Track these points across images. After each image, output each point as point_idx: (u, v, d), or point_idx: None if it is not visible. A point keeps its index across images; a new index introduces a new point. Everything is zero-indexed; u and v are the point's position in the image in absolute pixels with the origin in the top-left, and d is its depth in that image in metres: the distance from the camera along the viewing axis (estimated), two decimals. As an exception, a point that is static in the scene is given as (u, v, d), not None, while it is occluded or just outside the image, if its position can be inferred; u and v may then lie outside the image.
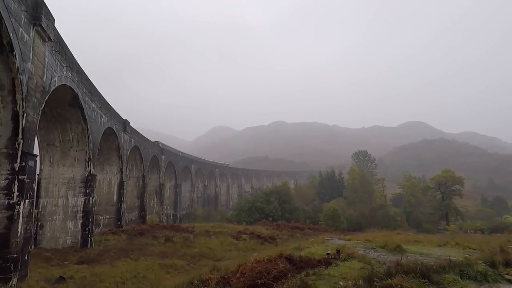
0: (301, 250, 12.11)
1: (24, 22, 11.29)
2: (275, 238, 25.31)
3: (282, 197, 43.87)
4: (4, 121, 11.09)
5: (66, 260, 15.60)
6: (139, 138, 34.10)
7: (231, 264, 11.84)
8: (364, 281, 6.84)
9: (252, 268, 8.08)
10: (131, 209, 33.66)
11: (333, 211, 38.26)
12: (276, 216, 40.32)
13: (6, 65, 10.70)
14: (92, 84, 20.32)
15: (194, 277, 9.24)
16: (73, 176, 19.59)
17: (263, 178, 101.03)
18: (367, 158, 78.94)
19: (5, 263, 10.37)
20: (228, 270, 9.31)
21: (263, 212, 41.09)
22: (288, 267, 8.27)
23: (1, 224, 10.53)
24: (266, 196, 44.00)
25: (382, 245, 13.20)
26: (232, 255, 18.99)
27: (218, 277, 8.36)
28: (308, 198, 53.72)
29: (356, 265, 9.23)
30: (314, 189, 59.75)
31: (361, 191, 50.04)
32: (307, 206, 48.21)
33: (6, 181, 10.84)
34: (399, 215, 42.95)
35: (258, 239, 24.37)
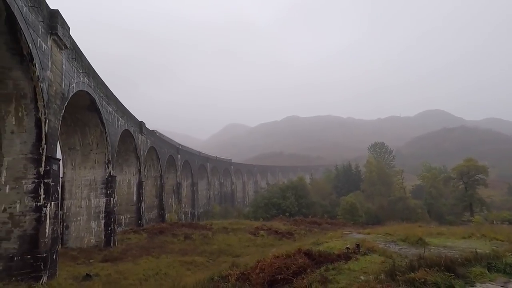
0: (319, 245, 12.11)
1: (41, 32, 11.72)
2: (293, 234, 25.33)
3: (298, 192, 43.76)
4: (28, 127, 11.61)
5: (91, 258, 16.23)
6: (155, 139, 34.79)
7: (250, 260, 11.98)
8: (386, 275, 6.77)
9: (271, 264, 8.18)
10: (151, 208, 34.48)
11: (351, 205, 37.87)
12: (293, 212, 40.30)
13: (27, 74, 11.17)
14: (107, 88, 20.87)
15: (214, 274, 9.42)
16: (94, 178, 20.27)
17: (278, 174, 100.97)
18: (384, 149, 77.34)
19: (36, 262, 10.92)
20: (247, 266, 9.45)
21: (279, 208, 41.14)
22: (307, 262, 8.32)
23: (30, 226, 11.07)
24: (282, 191, 43.99)
25: (403, 238, 13.01)
26: (250, 251, 19.18)
27: (238, 273, 8.49)
28: (324, 193, 53.35)
29: (376, 259, 9.16)
30: (331, 183, 59.24)
31: (379, 183, 49.22)
32: (324, 201, 47.90)
33: (33, 185, 11.37)
34: (419, 207, 41.98)
35: (276, 235, 24.46)
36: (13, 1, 9.76)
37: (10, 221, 10.94)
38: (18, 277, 10.52)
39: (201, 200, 59.88)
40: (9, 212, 11.00)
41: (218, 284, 8.19)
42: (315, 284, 6.77)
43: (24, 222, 11.04)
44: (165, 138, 43.14)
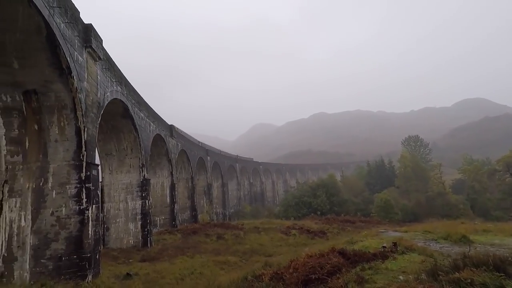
0: (354, 244, 11.80)
1: (77, 46, 12.49)
2: (325, 232, 24.91)
3: (329, 190, 42.94)
4: (69, 136, 12.42)
5: (130, 258, 17.02)
6: (185, 142, 35.78)
7: (282, 259, 11.94)
8: (427, 274, 6.42)
9: (304, 263, 8.10)
10: (183, 209, 35.51)
11: (385, 202, 36.48)
12: (324, 210, 39.61)
13: (66, 86, 11.95)
14: (139, 95, 21.78)
15: (247, 273, 9.50)
16: (130, 182, 21.26)
17: (308, 172, 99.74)
18: (419, 143, 73.55)
19: (81, 262, 11.65)
20: (281, 266, 9.42)
21: (310, 207, 40.62)
22: (341, 262, 8.13)
23: (75, 228, 11.84)
24: (313, 190, 43.39)
25: (445, 236, 12.34)
26: (282, 250, 19.12)
27: (271, 272, 8.49)
28: (357, 190, 51.87)
29: (416, 258, 8.75)
30: (363, 180, 57.45)
31: (415, 179, 46.90)
32: (356, 198, 46.58)
33: (76, 189, 12.14)
34: (461, 203, 39.43)
35: (308, 234, 24.19)
36: (52, 20, 10.49)
37: (57, 224, 11.76)
38: (66, 276, 11.28)
39: (232, 200, 60.65)
40: (56, 215, 11.83)
41: (252, 284, 8.24)
42: (351, 284, 6.59)
43: (70, 225, 11.82)
44: (194, 141, 44.20)
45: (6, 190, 11.73)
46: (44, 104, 11.96)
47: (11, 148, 11.95)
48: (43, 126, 12.17)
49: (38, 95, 11.80)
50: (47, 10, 10.20)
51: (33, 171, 12.00)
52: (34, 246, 11.44)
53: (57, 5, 10.90)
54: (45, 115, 12.11)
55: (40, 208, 11.78)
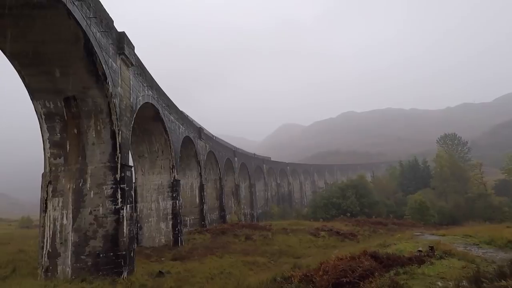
0: (387, 247, 11.36)
1: (112, 54, 13.15)
2: (356, 235, 24.23)
3: (359, 191, 41.72)
4: (105, 139, 13.09)
5: (162, 257, 17.56)
6: (213, 143, 36.43)
7: (312, 261, 11.76)
8: (469, 282, 6.01)
9: (335, 266, 7.90)
10: (212, 209, 36.14)
11: (420, 204, 34.78)
12: (354, 212, 38.55)
13: (102, 92, 12.62)
14: (169, 99, 22.50)
15: (276, 274, 9.45)
16: (161, 183, 22.00)
17: (336, 173, 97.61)
18: (456, 141, 69.18)
19: (117, 259, 12.22)
20: (310, 268, 9.28)
21: (340, 208, 39.71)
22: (374, 265, 7.84)
23: (111, 226, 12.44)
24: (342, 191, 42.39)
25: (488, 240, 11.53)
26: (311, 252, 18.84)
27: (301, 274, 8.38)
28: (389, 191, 49.96)
29: (456, 263, 8.24)
30: (395, 181, 55.20)
31: (452, 179, 44.27)
32: (388, 200, 44.89)
33: (112, 190, 12.77)
34: (506, 205, 36.65)
35: (338, 236, 23.67)
36: (89, 29, 11.13)
37: (95, 222, 12.43)
38: (104, 272, 11.88)
39: (259, 201, 60.81)
40: (94, 214, 12.50)
41: (281, 285, 8.18)
42: (385, 289, 6.33)
43: (106, 223, 12.45)
44: (222, 142, 44.87)
45: (50, 190, 12.59)
46: (82, 109, 12.71)
47: (54, 151, 12.81)
48: (82, 130, 12.92)
49: (77, 101, 12.56)
50: (84, 21, 10.84)
51: (73, 172, 12.78)
52: (75, 243, 12.17)
53: (93, 16, 11.55)
54: (83, 120, 12.87)
55: (80, 207, 12.51)
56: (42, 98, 12.30)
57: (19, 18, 9.94)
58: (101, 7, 12.39)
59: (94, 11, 11.63)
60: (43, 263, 12.03)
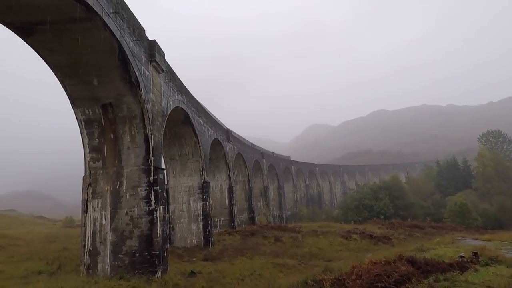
0: (425, 252, 10.81)
1: (144, 61, 13.74)
2: (390, 238, 23.30)
3: (392, 193, 40.07)
4: (139, 143, 13.69)
5: (194, 257, 17.99)
6: (241, 145, 36.76)
7: (343, 265, 11.47)
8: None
9: (368, 270, 7.66)
10: (241, 211, 36.44)
11: (461, 206, 32.67)
12: (388, 214, 37.06)
13: (135, 98, 13.21)
14: (198, 102, 23.06)
15: (307, 277, 9.33)
16: (191, 184, 22.58)
17: (367, 174, 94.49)
18: (501, 139, 63.96)
19: (152, 258, 12.70)
20: (342, 271, 9.05)
21: (372, 210, 38.38)
22: (411, 271, 7.49)
23: (146, 227, 12.96)
24: (374, 192, 40.95)
25: (539, 246, 10.56)
26: (343, 255, 18.39)
27: (332, 278, 8.21)
28: (425, 192, 47.45)
29: (504, 271, 7.66)
30: (432, 182, 52.28)
31: (497, 180, 41.14)
32: (425, 202, 42.63)
33: (146, 192, 13.31)
34: (561, 208, 33.45)
35: (370, 239, 22.90)
36: (123, 39, 11.73)
37: (131, 223, 13.01)
38: (139, 270, 12.40)
39: (288, 202, 60.38)
40: (130, 215, 13.09)
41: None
42: (424, 296, 6.02)
43: (141, 224, 12.99)
44: (250, 144, 45.14)
45: (90, 192, 13.38)
46: (118, 115, 13.39)
47: (93, 155, 13.60)
48: (118, 135, 13.61)
49: (113, 107, 13.25)
50: (119, 32, 11.44)
51: (110, 175, 13.48)
52: (113, 242, 12.81)
53: (127, 26, 12.15)
54: (119, 125, 13.55)
55: (117, 208, 13.16)
56: (82, 105, 13.12)
57: (61, 32, 10.70)
58: (134, 17, 13.00)
59: (127, 21, 12.23)
60: (85, 260, 12.78)
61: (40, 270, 13.40)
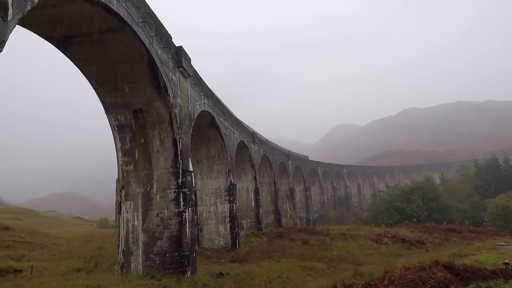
0: (463, 257, 10.20)
1: (171, 67, 14.18)
2: (424, 242, 22.25)
3: (426, 195, 38.21)
4: (168, 146, 14.12)
5: (222, 258, 18.21)
6: (266, 147, 36.77)
7: (374, 269, 11.11)
8: None
9: (401, 276, 7.35)
10: (267, 213, 36.38)
11: (504, 209, 30.47)
12: (421, 217, 35.38)
13: (164, 103, 13.66)
14: (223, 105, 23.40)
15: (336, 281, 9.14)
16: (218, 186, 22.90)
17: (398, 175, 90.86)
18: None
19: (181, 259, 13.01)
20: (373, 276, 8.77)
21: (404, 213, 36.82)
22: (449, 277, 7.09)
23: (175, 228, 13.32)
24: (406, 194, 39.28)
25: None
26: (373, 259, 17.81)
27: (363, 283, 7.97)
28: (462, 194, 44.81)
29: (551, 279, 7.02)
30: (469, 183, 49.25)
31: (544, 181, 38.03)
32: (462, 204, 40.26)
33: (175, 194, 13.69)
34: None
35: (403, 243, 22.00)
36: (151, 47, 12.19)
37: (161, 224, 13.43)
38: (170, 270, 12.75)
39: (315, 205, 59.45)
40: (160, 216, 13.52)
41: (342, 293, 7.86)
42: (463, 305, 5.67)
43: (171, 225, 13.36)
44: (275, 146, 45.03)
45: (123, 194, 13.97)
46: (148, 120, 13.91)
47: (125, 159, 14.21)
48: (148, 139, 14.13)
49: (143, 112, 13.79)
50: (147, 40, 11.91)
51: (141, 178, 14.01)
52: (145, 242, 13.28)
53: (155, 34, 12.62)
54: (148, 130, 14.06)
55: (148, 210, 13.64)
56: (114, 111, 13.76)
57: (95, 43, 11.31)
58: (161, 25, 13.48)
59: (155, 30, 12.70)
60: (119, 259, 13.35)
61: (79, 268, 14.20)
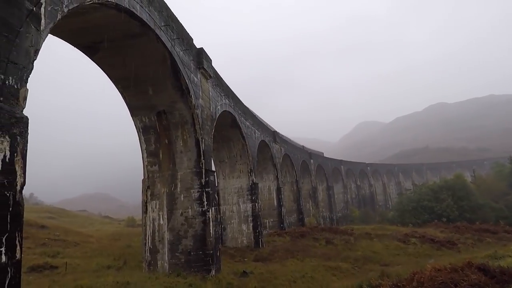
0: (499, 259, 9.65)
1: (193, 69, 14.42)
2: (455, 243, 21.27)
3: (456, 193, 36.49)
4: (191, 147, 14.38)
5: (245, 257, 18.31)
6: (288, 146, 36.57)
7: (402, 270, 10.75)
8: None
9: (431, 277, 7.05)
10: (290, 212, 36.19)
11: (542, 208, 28.55)
12: (451, 216, 33.85)
13: (186, 104, 13.92)
14: (244, 105, 23.51)
15: (362, 282, 8.92)
16: (240, 186, 23.05)
17: (426, 173, 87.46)
18: None
19: (206, 258, 13.21)
20: (401, 277, 8.48)
21: (432, 212, 35.39)
22: (483, 280, 6.72)
23: (199, 227, 13.54)
24: (435, 193, 37.71)
25: None
26: (401, 260, 17.24)
27: (390, 284, 7.73)
28: (496, 193, 42.35)
29: None
30: (505, 181, 46.39)
31: None
32: (496, 203, 38.08)
33: (198, 193, 13.92)
34: None
35: (432, 244, 21.14)
36: (173, 50, 12.45)
37: (186, 223, 13.70)
38: (195, 269, 12.98)
39: (338, 204, 58.42)
40: (185, 215, 13.80)
41: (369, 294, 7.66)
42: (501, 310, 5.35)
43: (195, 224, 13.60)
44: (297, 145, 44.68)
45: (149, 194, 14.39)
46: (171, 121, 14.23)
47: (150, 159, 14.63)
48: (171, 140, 14.45)
49: (166, 114, 14.12)
50: (169, 43, 12.17)
51: (166, 178, 14.36)
52: (170, 241, 13.61)
53: (177, 37, 12.87)
54: (172, 131, 14.38)
55: (173, 209, 13.96)
56: (139, 114, 14.19)
57: (120, 48, 11.71)
58: (182, 28, 13.73)
59: (177, 32, 12.96)
60: (146, 257, 13.77)
61: (109, 265, 14.78)
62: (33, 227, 22.61)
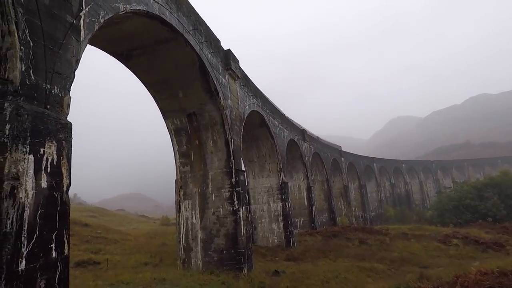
0: (554, 263, 8.79)
1: (221, 71, 14.65)
2: (503, 245, 19.73)
3: (503, 191, 33.85)
4: (221, 147, 14.63)
5: (276, 256, 18.28)
6: (317, 144, 35.98)
7: (443, 273, 10.18)
8: None
9: (477, 281, 6.61)
10: (321, 211, 35.58)
11: None
12: (498, 216, 31.44)
13: (215, 106, 14.18)
14: (272, 104, 23.47)
15: (400, 284, 8.57)
16: (270, 185, 23.05)
17: (467, 169, 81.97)
18: None
19: (237, 256, 13.38)
20: (442, 281, 8.03)
21: (476, 211, 33.09)
22: (536, 285, 6.18)
23: (231, 226, 13.74)
24: (478, 191, 35.23)
25: None
26: (441, 262, 16.31)
27: (431, 287, 7.34)
28: (550, 190, 38.69)
29: None
30: (559, 177, 42.33)
31: None
32: (550, 202, 34.78)
33: (229, 193, 14.13)
34: None
35: (476, 245, 19.78)
36: (202, 53, 12.74)
37: (217, 222, 13.96)
38: (227, 267, 13.19)
39: (372, 203, 56.50)
40: (216, 215, 14.07)
41: (407, 297, 7.33)
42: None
43: (227, 223, 13.82)
44: (326, 143, 43.81)
45: (182, 194, 14.84)
46: (201, 123, 14.57)
47: (182, 160, 15.08)
48: (202, 141, 14.80)
49: (196, 116, 14.48)
50: (198, 46, 12.47)
51: (197, 178, 14.73)
52: (203, 239, 13.94)
53: (205, 40, 13.15)
54: (202, 132, 14.72)
55: (205, 208, 14.29)
56: (171, 116, 14.68)
57: (152, 53, 12.20)
58: (210, 30, 14.00)
59: (204, 35, 13.24)
60: (180, 255, 14.22)
61: (146, 262, 15.46)
62: (78, 225, 24.22)
